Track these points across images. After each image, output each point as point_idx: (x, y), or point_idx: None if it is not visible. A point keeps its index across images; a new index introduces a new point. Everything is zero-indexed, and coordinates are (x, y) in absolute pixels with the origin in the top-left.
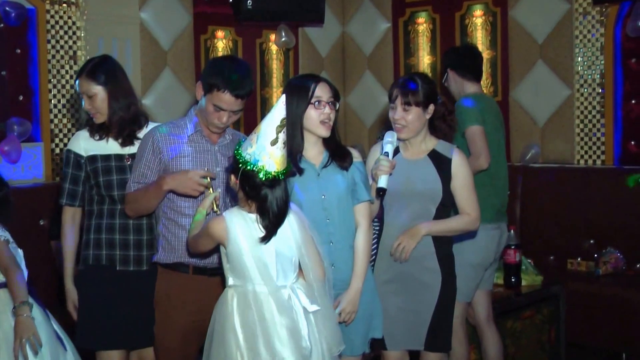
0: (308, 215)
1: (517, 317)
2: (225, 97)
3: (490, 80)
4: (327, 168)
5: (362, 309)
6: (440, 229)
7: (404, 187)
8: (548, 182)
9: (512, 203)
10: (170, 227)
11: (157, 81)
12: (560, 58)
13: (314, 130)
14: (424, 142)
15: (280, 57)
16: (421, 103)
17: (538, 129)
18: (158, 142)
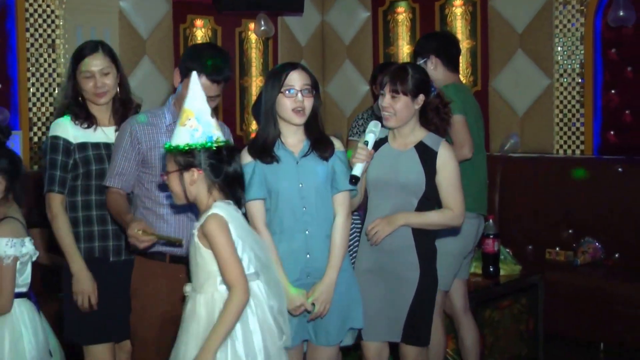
0: (285, 204)
1: (496, 307)
2: (202, 82)
3: (470, 70)
4: (307, 157)
5: (338, 299)
6: (419, 221)
7: (388, 176)
8: (527, 171)
9: (491, 192)
10: (148, 216)
11: (135, 70)
12: (540, 48)
13: (287, 118)
14: (413, 133)
15: (260, 46)
16: (410, 92)
17: (517, 119)
18: (136, 132)
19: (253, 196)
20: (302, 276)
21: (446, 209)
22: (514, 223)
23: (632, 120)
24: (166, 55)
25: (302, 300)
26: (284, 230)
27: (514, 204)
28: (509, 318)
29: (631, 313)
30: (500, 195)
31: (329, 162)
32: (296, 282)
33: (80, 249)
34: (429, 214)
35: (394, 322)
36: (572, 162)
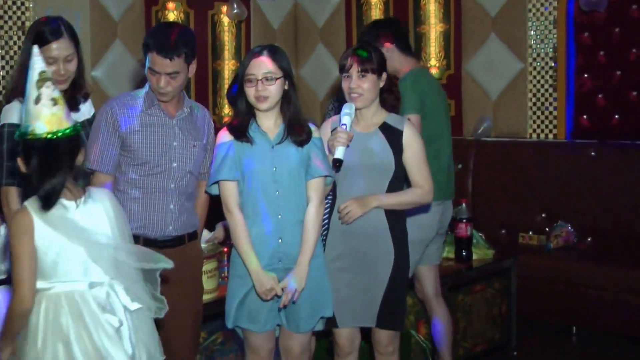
0: (258, 186)
1: (468, 292)
2: (156, 59)
3: (443, 54)
4: (283, 140)
5: (309, 286)
6: (392, 202)
7: (357, 159)
8: (500, 155)
9: (464, 176)
10: (122, 198)
11: (107, 53)
12: (513, 31)
13: (254, 105)
14: (376, 114)
15: (232, 29)
16: (376, 70)
17: (491, 103)
18: (116, 114)
19: (224, 176)
20: (273, 261)
21: (416, 187)
22: (487, 207)
23: (605, 104)
24: (138, 38)
25: (272, 284)
26: (256, 213)
27: (487, 188)
28: (481, 302)
29: (603, 296)
30: (473, 180)
31: (304, 147)
32: (267, 267)
33: None
34: (401, 194)
35: (368, 307)
36: (545, 146)
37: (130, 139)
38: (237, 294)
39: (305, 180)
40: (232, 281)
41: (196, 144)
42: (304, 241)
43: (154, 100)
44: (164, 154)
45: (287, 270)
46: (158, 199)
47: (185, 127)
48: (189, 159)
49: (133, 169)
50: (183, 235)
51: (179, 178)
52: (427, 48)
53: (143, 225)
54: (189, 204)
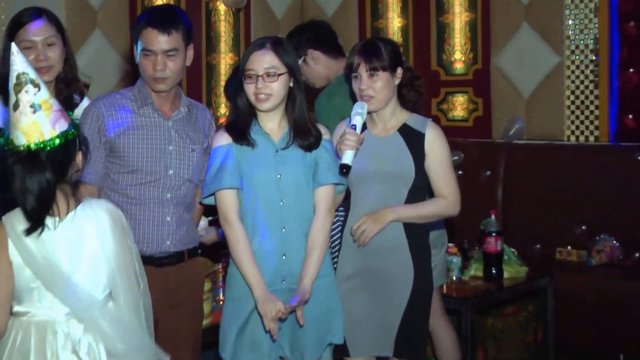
0: (260, 196)
1: (499, 315)
2: (150, 35)
3: (469, 46)
4: (289, 144)
5: (316, 308)
6: (411, 215)
7: (372, 166)
8: (534, 161)
9: (493, 184)
10: None
11: (85, 45)
12: (548, 21)
13: (254, 104)
14: (394, 115)
15: (230, 18)
16: (388, 67)
17: (523, 101)
18: (103, 116)
19: (225, 184)
20: (275, 280)
21: (439, 198)
22: (519, 219)
23: None
24: (120, 28)
25: (280, 309)
26: (257, 226)
27: (519, 197)
28: (513, 327)
29: None
30: (503, 188)
31: (312, 152)
32: (268, 287)
33: None
34: (422, 206)
35: (384, 333)
36: (585, 149)
37: (119, 143)
38: (235, 320)
39: (313, 188)
40: (228, 305)
41: (195, 148)
42: (308, 255)
43: (147, 99)
44: (158, 160)
45: (292, 292)
46: (153, 211)
47: (183, 129)
48: (187, 166)
49: (123, 177)
50: (182, 252)
51: (175, 187)
52: (451, 40)
53: (136, 241)
54: (187, 216)
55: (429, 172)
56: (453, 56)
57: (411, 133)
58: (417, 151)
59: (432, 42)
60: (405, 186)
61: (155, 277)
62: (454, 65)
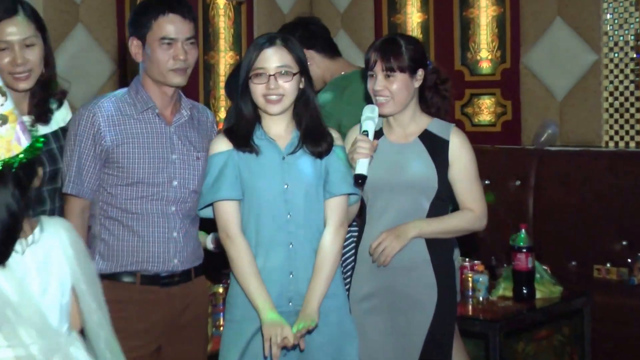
0: (264, 208)
1: (531, 338)
2: (173, 19)
3: (496, 44)
4: (296, 150)
5: (326, 332)
6: (435, 230)
7: (390, 177)
8: (568, 169)
9: (524, 195)
10: (112, 227)
11: (65, 42)
12: (584, 15)
13: (261, 107)
14: (414, 120)
15: (230, 13)
16: (407, 68)
17: (556, 104)
18: (98, 123)
19: (222, 195)
20: (281, 302)
21: (465, 210)
22: (552, 233)
23: None
24: (107, 24)
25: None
26: (262, 242)
27: (552, 209)
28: (547, 352)
29: None
30: (535, 199)
31: (323, 159)
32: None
33: None
34: (446, 219)
35: (405, 357)
36: (624, 156)
37: (117, 153)
38: (235, 344)
39: (324, 199)
40: (229, 328)
41: (200, 155)
42: (315, 274)
43: (147, 102)
44: (161, 170)
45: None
46: (157, 227)
47: (186, 135)
48: (192, 176)
49: (122, 190)
50: (189, 270)
51: (181, 199)
52: (477, 37)
53: (141, 260)
54: (194, 231)
55: (453, 182)
56: (479, 54)
57: (434, 140)
58: (441, 160)
59: (455, 39)
60: (427, 198)
61: (159, 297)
62: (479, 64)
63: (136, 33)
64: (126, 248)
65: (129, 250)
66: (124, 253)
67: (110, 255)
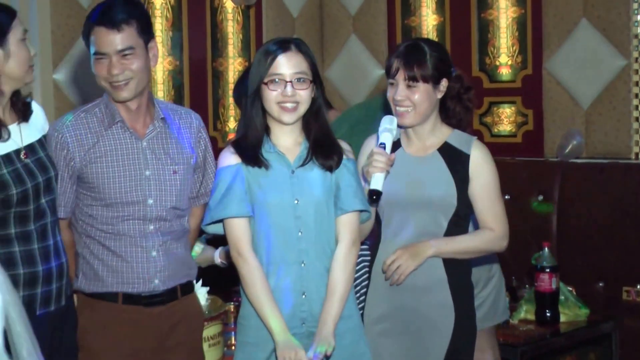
0: (275, 225)
1: None
2: (99, 35)
3: (517, 48)
4: (306, 164)
5: (340, 355)
6: (452, 249)
7: (407, 193)
8: (595, 183)
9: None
10: (92, 247)
11: (73, 49)
12: (612, 16)
13: (274, 115)
14: (434, 132)
15: (238, 17)
16: (430, 77)
17: (581, 113)
18: (67, 143)
19: (231, 212)
20: (294, 323)
21: (485, 230)
22: (577, 252)
23: None
24: None
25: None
26: (272, 260)
27: (578, 226)
28: None
29: None
30: (558, 215)
31: (333, 172)
32: None
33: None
34: (464, 239)
35: None
36: None
37: (88, 173)
38: None
39: (335, 216)
40: (241, 351)
41: (177, 168)
42: (329, 295)
43: (115, 116)
44: (134, 188)
45: (312, 336)
46: (135, 246)
47: (160, 147)
48: (169, 192)
49: (98, 210)
50: (174, 288)
51: (159, 217)
52: (496, 41)
53: (122, 281)
54: (177, 247)
55: (473, 199)
56: (498, 60)
57: (453, 153)
58: (460, 175)
59: (473, 43)
60: (445, 216)
61: (143, 318)
62: (499, 70)
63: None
64: (107, 268)
65: (110, 270)
66: (105, 273)
67: (93, 275)
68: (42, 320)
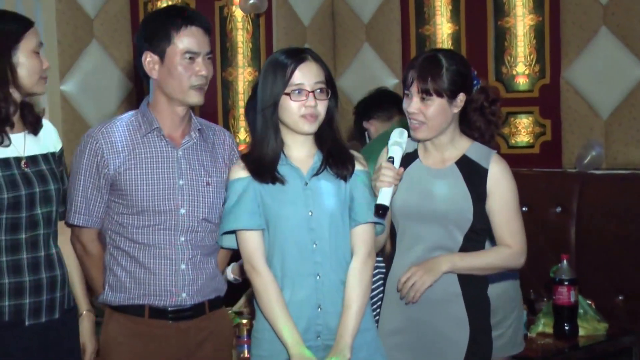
0: (289, 238)
1: None
2: (195, 33)
3: (534, 57)
4: (319, 176)
5: None
6: (468, 266)
7: (421, 205)
8: (614, 194)
9: (565, 223)
10: (119, 258)
11: (79, 60)
12: (632, 23)
13: (294, 126)
14: (452, 144)
15: (248, 26)
16: (445, 92)
17: (601, 123)
18: (102, 150)
19: (247, 225)
20: (309, 336)
21: (502, 246)
22: (596, 265)
23: None
24: (121, 39)
25: None
26: (287, 274)
27: (597, 238)
28: None
29: None
30: (577, 227)
31: (347, 183)
32: None
33: None
34: (480, 255)
35: None
36: None
37: (121, 180)
38: None
39: (350, 227)
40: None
41: (211, 180)
42: (346, 308)
43: (152, 124)
44: (167, 197)
45: (328, 350)
46: (164, 258)
47: (195, 158)
48: (201, 203)
49: (129, 219)
50: (202, 303)
51: (190, 229)
52: (513, 49)
53: (148, 293)
54: (208, 262)
55: (491, 215)
56: (515, 69)
57: (472, 167)
58: (478, 190)
59: (489, 51)
60: (460, 231)
61: (170, 332)
62: (516, 79)
63: (152, 47)
64: (133, 280)
65: (136, 282)
66: (131, 285)
67: (120, 287)
68: (32, 331)
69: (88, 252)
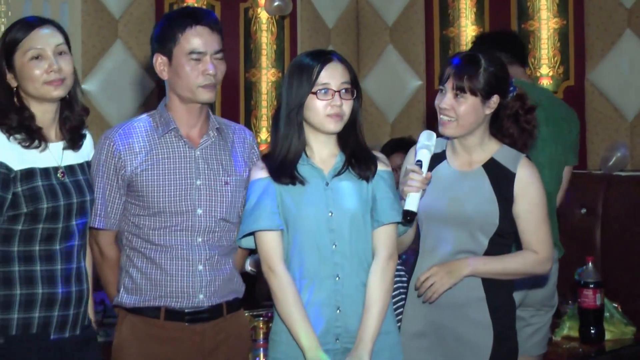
0: (308, 238)
1: None
2: (201, 32)
3: (558, 59)
4: (341, 176)
5: None
6: (491, 270)
7: (446, 208)
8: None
9: (590, 225)
10: (135, 259)
11: (103, 59)
12: None
13: (319, 125)
14: (481, 147)
15: (273, 28)
16: (480, 91)
17: (626, 124)
18: (119, 151)
19: (261, 225)
20: (328, 339)
21: (527, 251)
22: (623, 267)
23: None
24: (145, 40)
25: None
26: (306, 275)
27: (622, 240)
28: None
29: None
30: (602, 229)
31: (369, 184)
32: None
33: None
34: (505, 260)
35: None
36: None
37: (138, 181)
38: None
39: (372, 228)
40: None
41: (229, 180)
42: (367, 310)
43: (169, 124)
44: (184, 197)
45: (347, 353)
46: (181, 259)
47: (213, 157)
48: (219, 203)
49: (146, 220)
50: (220, 305)
51: (207, 229)
52: (537, 51)
53: (164, 294)
54: (225, 262)
55: (517, 220)
56: (539, 71)
57: (499, 171)
58: (504, 194)
59: None
60: (486, 234)
61: (186, 335)
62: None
63: (161, 48)
64: (150, 282)
65: (153, 284)
66: (147, 287)
67: (135, 289)
68: (56, 347)
69: (105, 256)
